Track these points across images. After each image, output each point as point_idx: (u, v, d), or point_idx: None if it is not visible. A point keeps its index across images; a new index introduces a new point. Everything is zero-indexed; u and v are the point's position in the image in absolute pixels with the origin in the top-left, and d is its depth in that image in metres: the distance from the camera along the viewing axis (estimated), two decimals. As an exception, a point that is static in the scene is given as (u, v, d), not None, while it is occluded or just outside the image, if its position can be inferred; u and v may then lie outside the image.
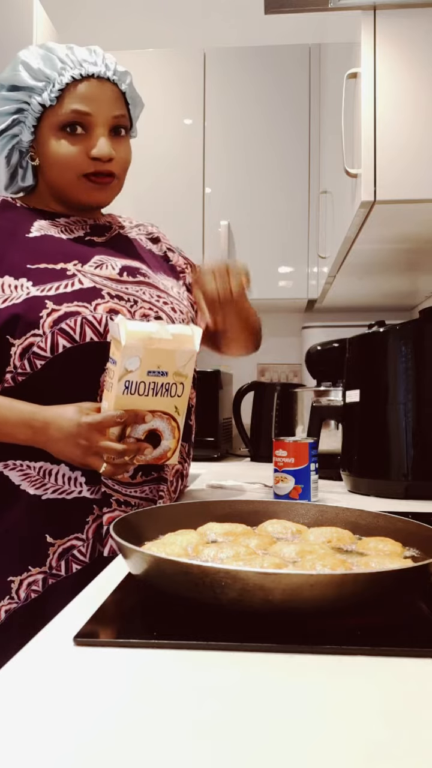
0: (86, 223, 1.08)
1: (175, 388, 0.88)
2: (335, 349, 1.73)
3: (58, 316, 0.91)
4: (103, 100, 0.99)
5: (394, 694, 0.42)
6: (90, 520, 0.93)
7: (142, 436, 0.88)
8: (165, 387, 0.87)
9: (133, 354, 0.83)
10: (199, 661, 0.47)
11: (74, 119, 0.98)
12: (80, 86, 0.98)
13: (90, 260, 1.00)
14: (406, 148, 1.24)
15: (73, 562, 0.92)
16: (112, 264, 1.01)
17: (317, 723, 0.38)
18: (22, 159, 1.05)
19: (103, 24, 2.71)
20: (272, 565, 0.57)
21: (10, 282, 0.94)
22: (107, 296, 0.96)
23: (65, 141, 0.99)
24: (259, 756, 0.34)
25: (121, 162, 1.03)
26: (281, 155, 2.30)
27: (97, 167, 0.99)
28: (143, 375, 0.85)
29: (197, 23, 2.68)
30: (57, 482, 0.93)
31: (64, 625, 0.53)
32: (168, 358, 0.86)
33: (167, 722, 0.38)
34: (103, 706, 0.40)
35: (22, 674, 0.44)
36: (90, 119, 0.98)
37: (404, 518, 0.72)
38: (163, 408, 0.88)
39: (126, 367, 0.84)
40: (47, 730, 0.37)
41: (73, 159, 0.99)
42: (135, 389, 0.85)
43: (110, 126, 1.00)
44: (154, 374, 0.86)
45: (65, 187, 1.03)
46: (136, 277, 1.02)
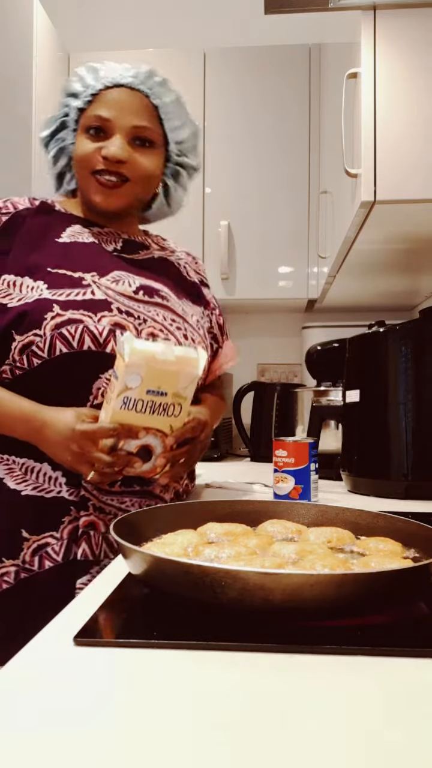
0: (119, 237, 1.10)
1: (172, 408, 0.89)
2: (335, 349, 1.74)
3: (61, 321, 0.93)
4: (127, 109, 1.03)
5: (394, 694, 0.42)
6: (66, 520, 0.94)
7: (134, 450, 0.89)
8: (163, 406, 0.88)
9: (135, 372, 0.84)
10: (199, 661, 0.47)
11: (97, 123, 1.03)
12: (109, 93, 1.04)
13: (109, 274, 1.01)
14: (406, 148, 1.24)
15: (46, 559, 0.93)
16: (130, 281, 1.02)
17: (317, 723, 0.38)
18: (69, 164, 1.10)
19: (103, 24, 2.71)
20: (273, 565, 0.57)
21: (28, 283, 0.96)
22: (115, 310, 0.97)
23: (87, 140, 1.03)
24: (259, 756, 0.34)
25: (138, 169, 1.04)
26: (281, 155, 2.30)
27: (107, 166, 1.02)
28: (142, 393, 0.86)
29: (197, 23, 2.68)
30: (38, 480, 0.94)
31: (64, 625, 0.53)
32: (169, 379, 0.87)
33: (167, 722, 0.38)
34: (103, 706, 0.40)
35: (22, 674, 0.44)
36: (109, 124, 1.02)
37: (404, 518, 0.72)
38: (158, 426, 0.89)
39: (126, 383, 0.85)
40: (47, 730, 0.37)
41: (87, 156, 1.03)
42: (133, 405, 0.86)
43: (130, 134, 1.03)
44: (154, 393, 0.87)
45: (81, 185, 1.06)
46: (153, 297, 1.03)
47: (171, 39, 2.64)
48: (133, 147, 1.04)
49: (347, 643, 0.48)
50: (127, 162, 1.02)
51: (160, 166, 1.09)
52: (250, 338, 2.70)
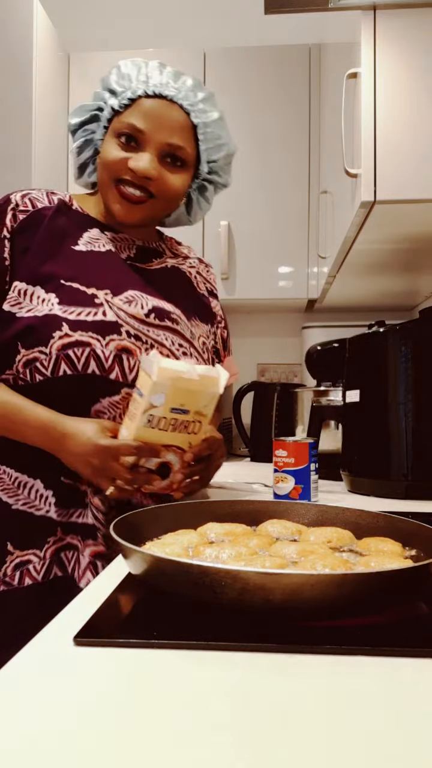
0: (134, 244, 1.08)
1: (193, 425, 0.91)
2: (335, 349, 1.73)
3: (68, 342, 0.92)
4: (164, 124, 0.99)
5: (394, 694, 0.42)
6: (51, 540, 0.93)
7: (154, 467, 0.90)
8: (184, 424, 0.89)
9: (161, 391, 0.85)
10: (199, 661, 0.47)
11: (129, 131, 0.99)
12: (148, 102, 0.99)
13: (123, 293, 0.99)
14: (406, 148, 1.24)
15: (27, 576, 0.92)
16: (143, 303, 1.00)
17: (317, 723, 0.38)
18: (96, 156, 1.06)
19: (103, 24, 2.71)
20: (274, 565, 0.57)
21: (40, 294, 0.94)
22: (124, 333, 0.95)
23: (117, 146, 0.99)
24: (259, 755, 0.34)
25: (165, 188, 1.01)
26: (281, 155, 2.30)
27: (131, 177, 0.99)
28: (167, 411, 0.87)
29: (197, 23, 2.68)
30: (29, 496, 0.94)
31: (64, 625, 0.53)
32: (192, 397, 0.88)
33: (167, 722, 0.38)
34: (103, 706, 0.40)
35: (22, 674, 0.44)
36: (143, 137, 0.98)
37: (404, 518, 0.72)
38: (178, 443, 0.91)
39: (152, 402, 0.86)
40: (47, 730, 0.37)
41: (114, 163, 0.99)
42: (156, 423, 0.87)
43: (163, 151, 0.99)
44: (177, 411, 0.88)
45: (102, 189, 1.04)
46: (164, 321, 1.01)
47: (171, 39, 2.64)
48: (162, 163, 1.00)
49: (347, 643, 0.48)
50: (154, 178, 0.99)
51: (187, 184, 1.06)
52: (250, 338, 2.70)
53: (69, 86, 2.35)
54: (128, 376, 0.95)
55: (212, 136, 1.05)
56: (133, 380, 0.95)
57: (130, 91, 0.99)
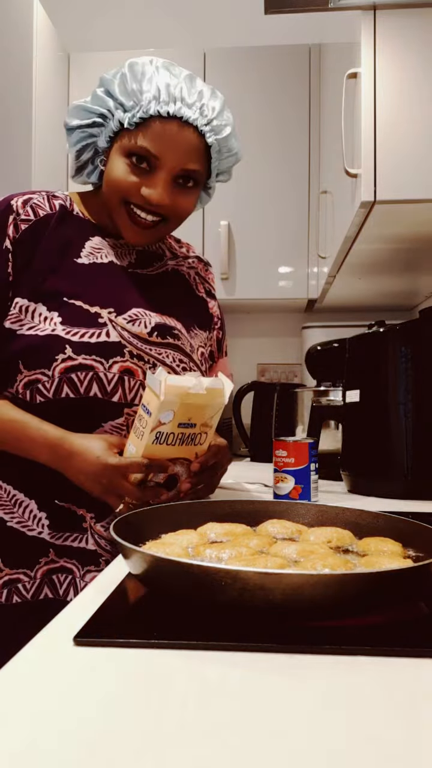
0: (134, 249, 1.07)
1: (199, 437, 0.91)
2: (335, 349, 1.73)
3: (72, 366, 0.91)
4: (178, 149, 0.94)
5: (394, 694, 0.42)
6: (42, 561, 0.93)
7: (161, 480, 0.91)
8: (191, 437, 0.90)
9: (169, 408, 0.85)
10: (199, 661, 0.47)
11: (142, 153, 0.94)
12: (160, 124, 0.93)
13: (126, 312, 0.97)
14: (406, 148, 1.24)
15: (15, 594, 0.92)
16: (146, 321, 0.99)
17: (317, 723, 0.38)
18: (96, 157, 1.03)
19: (103, 24, 2.71)
20: (276, 565, 0.57)
21: (42, 311, 0.93)
22: (128, 354, 0.95)
23: (128, 167, 0.95)
24: (259, 755, 0.34)
25: (177, 211, 0.99)
26: (281, 155, 2.30)
27: (143, 203, 0.96)
28: (174, 427, 0.87)
29: (197, 23, 2.68)
30: (23, 515, 0.94)
31: (64, 625, 0.53)
32: (199, 411, 0.89)
33: (167, 722, 0.38)
34: (103, 706, 0.40)
35: (22, 674, 0.44)
36: (156, 162, 0.94)
37: (404, 518, 0.72)
38: (185, 455, 0.91)
39: (160, 419, 0.86)
40: (47, 730, 0.37)
41: (125, 186, 0.96)
42: (164, 440, 0.87)
43: (176, 174, 0.96)
44: (184, 426, 0.88)
45: (109, 207, 1.00)
46: (166, 338, 1.00)
47: (171, 39, 2.64)
48: (174, 185, 0.97)
49: (347, 643, 0.48)
50: (167, 204, 0.96)
51: (196, 202, 1.03)
52: (250, 338, 2.70)
53: (69, 86, 2.36)
54: (128, 396, 0.95)
55: (224, 152, 1.01)
56: (133, 400, 0.95)
57: (142, 110, 0.93)
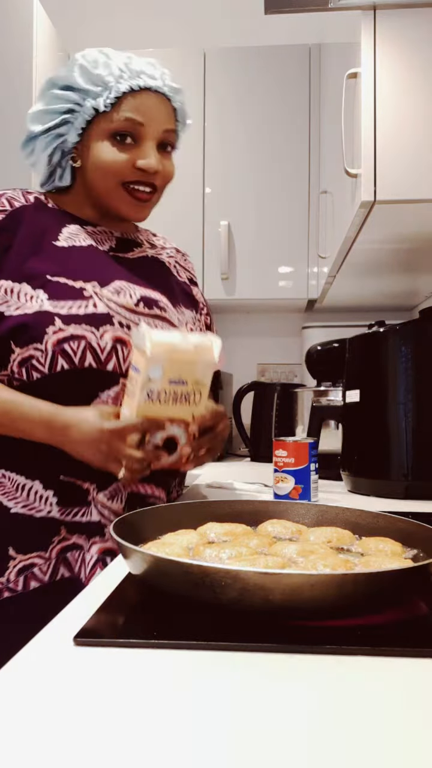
0: (113, 236, 1.08)
1: (193, 396, 0.90)
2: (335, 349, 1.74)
3: (63, 337, 0.91)
4: (157, 114, 0.99)
5: (394, 694, 0.42)
6: (56, 540, 0.93)
7: (160, 442, 0.91)
8: (184, 395, 0.89)
9: (157, 364, 0.86)
10: (199, 661, 0.47)
11: (127, 128, 0.97)
12: (137, 97, 0.98)
13: (110, 284, 0.98)
14: (406, 148, 1.24)
15: (32, 580, 0.91)
16: (131, 292, 1.00)
17: (317, 723, 0.38)
18: (63, 159, 1.04)
19: (103, 24, 2.71)
20: (276, 565, 0.57)
21: (27, 291, 0.94)
22: (117, 324, 0.95)
23: (114, 148, 0.98)
24: (259, 756, 0.34)
25: (166, 177, 1.03)
26: (281, 155, 2.30)
27: (140, 177, 0.99)
28: (165, 384, 0.87)
29: (197, 23, 2.68)
30: (28, 498, 0.93)
31: (64, 625, 0.53)
32: (189, 368, 0.89)
33: (167, 722, 0.38)
34: (103, 706, 0.40)
35: (22, 674, 0.44)
36: (142, 130, 0.98)
37: (404, 518, 0.72)
38: (181, 415, 0.91)
39: (150, 376, 0.86)
40: (47, 730, 0.37)
41: (118, 166, 0.98)
42: (156, 397, 0.87)
43: (160, 140, 1.00)
44: (175, 383, 0.88)
45: (104, 194, 1.02)
46: (152, 309, 1.01)
47: (171, 39, 2.64)
48: (160, 153, 1.01)
49: (347, 643, 0.48)
50: (159, 172, 1.00)
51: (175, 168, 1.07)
52: (250, 338, 2.70)
53: (69, 86, 2.35)
54: (123, 366, 0.95)
55: (185, 115, 1.06)
56: (127, 370, 0.95)
57: (114, 90, 0.96)
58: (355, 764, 0.34)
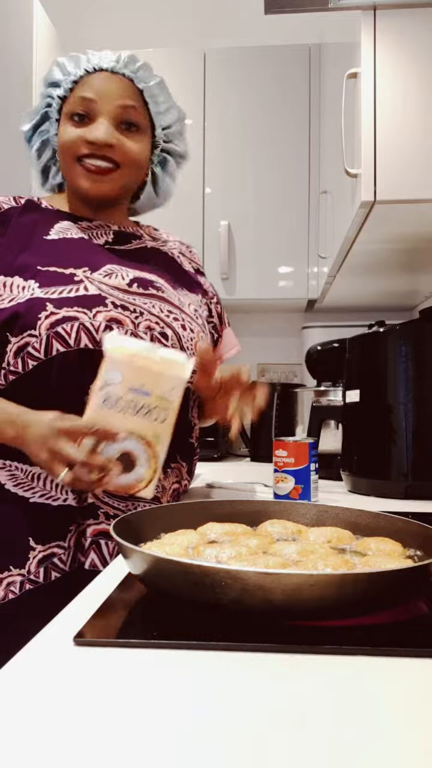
0: (109, 229, 1.08)
1: (157, 412, 0.83)
2: (335, 349, 1.74)
3: (56, 320, 0.91)
4: (111, 91, 1.01)
5: (394, 694, 0.42)
6: (73, 529, 0.92)
7: (115, 455, 0.82)
8: (146, 408, 0.82)
9: (116, 368, 0.81)
10: (199, 661, 0.47)
11: (80, 106, 1.00)
12: (92, 77, 1.01)
13: (100, 268, 0.98)
14: (406, 148, 1.24)
15: (53, 570, 0.91)
16: (123, 274, 1.00)
17: (317, 723, 0.38)
18: (54, 158, 1.08)
19: (103, 24, 2.71)
20: (276, 565, 0.57)
21: (19, 282, 0.94)
22: (110, 305, 0.95)
23: (71, 126, 1.01)
24: (259, 756, 0.34)
25: (127, 153, 1.02)
26: (281, 155, 2.30)
27: (91, 149, 1.00)
28: (124, 390, 0.81)
29: (197, 23, 2.68)
30: (45, 487, 0.93)
31: (64, 625, 0.53)
32: (153, 379, 0.82)
33: (167, 723, 0.38)
34: (102, 706, 0.40)
35: (22, 674, 0.44)
36: (95, 106, 1.00)
37: (404, 518, 0.72)
38: (141, 430, 0.82)
39: (106, 379, 0.81)
40: (47, 730, 0.37)
41: (71, 141, 1.00)
42: (114, 404, 0.81)
43: (117, 116, 1.01)
44: (137, 392, 0.82)
45: (66, 174, 1.04)
46: (148, 289, 1.00)
47: (171, 39, 2.64)
48: (120, 131, 1.01)
49: (347, 643, 0.48)
50: (114, 146, 1.00)
51: (147, 151, 1.07)
52: (250, 338, 2.69)
53: (69, 86, 2.35)
54: None
55: (159, 98, 1.06)
56: None
57: (72, 74, 1.02)
58: (356, 764, 0.34)
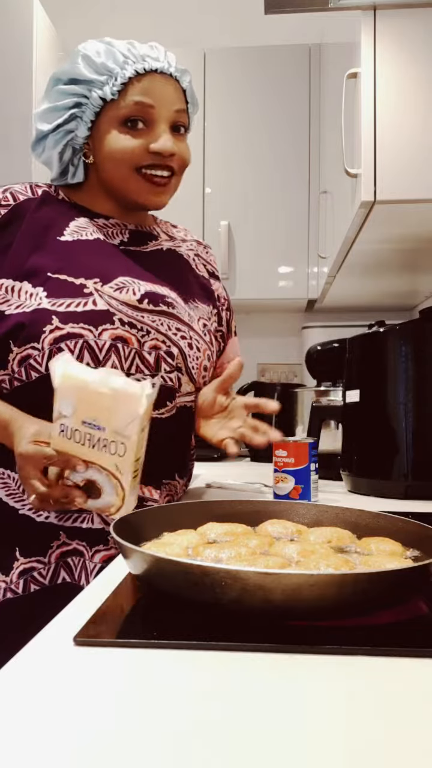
0: (126, 228, 1.04)
1: (114, 446, 0.78)
2: (335, 349, 1.74)
3: (60, 335, 0.89)
4: (166, 95, 0.96)
5: (394, 694, 0.42)
6: (54, 545, 0.92)
7: (80, 483, 0.81)
8: (102, 442, 0.78)
9: (66, 398, 0.78)
10: (199, 661, 0.47)
11: (137, 112, 0.95)
12: (143, 80, 0.95)
13: (113, 280, 0.95)
14: (406, 148, 1.24)
15: (32, 583, 0.91)
16: (135, 288, 0.96)
17: (317, 723, 0.38)
18: (75, 156, 1.01)
19: (103, 24, 2.71)
20: (276, 565, 0.57)
21: (27, 289, 0.92)
22: (118, 322, 0.92)
23: (126, 135, 0.95)
24: (259, 756, 0.34)
25: (182, 159, 0.99)
26: (281, 155, 2.30)
27: (155, 160, 0.96)
28: (78, 423, 0.78)
29: (197, 23, 2.68)
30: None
31: (64, 625, 0.53)
32: (105, 413, 0.78)
33: (167, 722, 0.38)
34: (102, 706, 0.40)
35: (22, 674, 0.44)
36: (153, 112, 0.95)
37: (404, 518, 0.72)
38: (101, 463, 0.79)
39: (60, 410, 0.79)
40: (47, 730, 0.37)
41: (132, 152, 0.95)
42: (71, 435, 0.78)
43: (172, 121, 0.97)
44: (90, 426, 0.78)
45: (120, 184, 0.99)
46: (158, 305, 0.97)
47: (171, 39, 2.63)
48: (174, 136, 0.98)
49: (347, 643, 0.48)
50: (175, 154, 0.97)
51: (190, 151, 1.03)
52: (250, 338, 2.69)
53: (69, 86, 2.35)
54: (124, 365, 0.93)
55: (194, 96, 1.03)
56: (129, 369, 0.93)
57: (120, 76, 0.94)
58: (355, 764, 0.34)
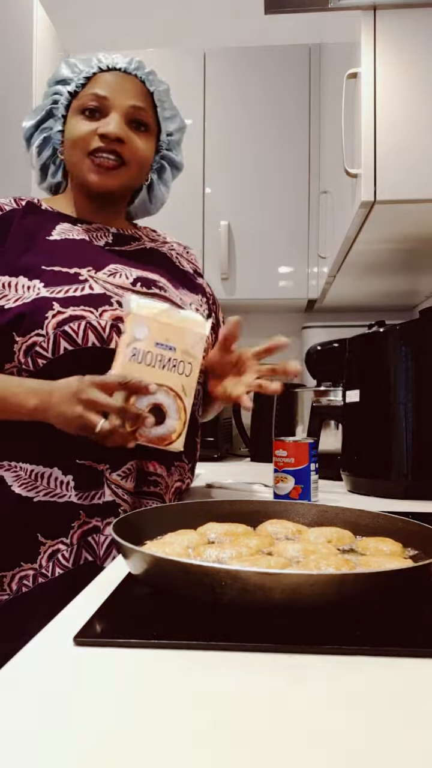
0: (108, 232, 1.09)
1: (183, 366, 0.88)
2: (335, 349, 1.74)
3: (63, 319, 0.91)
4: (123, 90, 1.03)
5: (394, 694, 0.42)
6: (75, 525, 0.93)
7: (146, 408, 0.86)
8: (173, 362, 0.87)
9: (142, 323, 0.86)
10: (199, 661, 0.47)
11: (93, 101, 1.02)
12: (105, 75, 1.04)
13: (104, 268, 1.00)
14: (406, 148, 1.24)
15: (57, 566, 0.92)
16: (127, 273, 1.01)
17: (317, 723, 0.38)
18: (55, 155, 1.09)
19: (103, 24, 2.71)
20: (277, 565, 0.57)
21: (24, 282, 0.95)
22: (116, 304, 0.96)
23: (83, 120, 1.03)
24: (258, 756, 0.34)
25: (135, 151, 1.04)
26: (281, 155, 2.30)
27: (103, 143, 1.01)
28: (151, 345, 0.86)
29: (197, 23, 2.68)
30: (49, 485, 0.93)
31: (64, 625, 0.53)
32: (177, 334, 0.88)
33: (167, 722, 0.38)
34: (102, 706, 0.40)
35: (22, 674, 0.44)
36: (107, 103, 1.02)
37: (404, 518, 0.72)
38: (170, 383, 0.87)
39: (134, 334, 0.85)
40: (47, 730, 0.37)
41: (83, 136, 1.02)
42: (142, 358, 0.86)
43: (128, 115, 1.03)
44: (162, 347, 0.87)
45: (74, 168, 1.05)
46: (151, 288, 1.02)
47: (171, 39, 2.64)
48: (131, 129, 1.03)
49: (347, 643, 0.48)
50: (125, 142, 1.02)
51: (153, 151, 1.09)
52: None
53: (69, 86, 2.35)
54: None
55: (167, 104, 1.10)
56: None
57: (85, 72, 1.04)
58: (355, 764, 0.34)
